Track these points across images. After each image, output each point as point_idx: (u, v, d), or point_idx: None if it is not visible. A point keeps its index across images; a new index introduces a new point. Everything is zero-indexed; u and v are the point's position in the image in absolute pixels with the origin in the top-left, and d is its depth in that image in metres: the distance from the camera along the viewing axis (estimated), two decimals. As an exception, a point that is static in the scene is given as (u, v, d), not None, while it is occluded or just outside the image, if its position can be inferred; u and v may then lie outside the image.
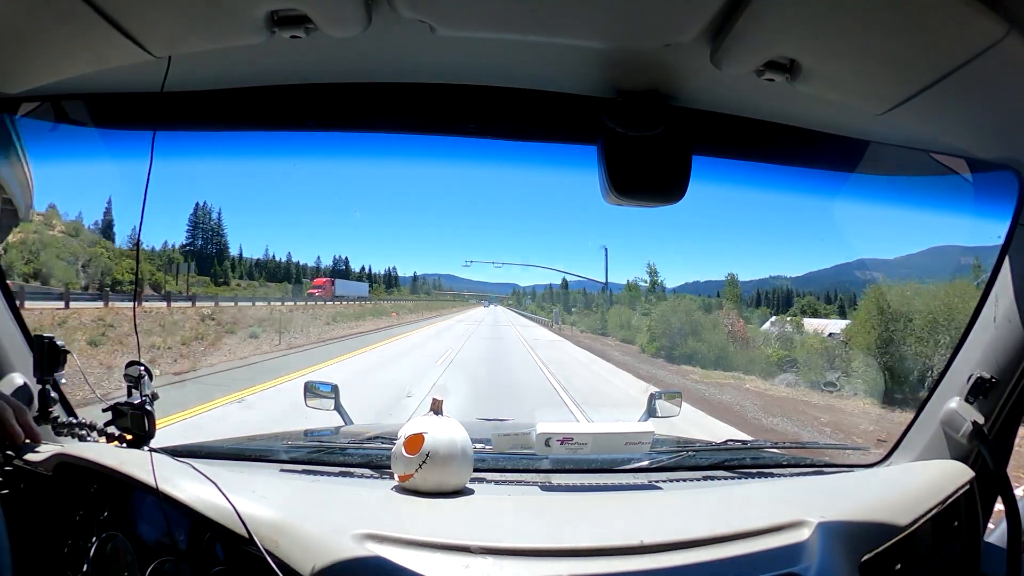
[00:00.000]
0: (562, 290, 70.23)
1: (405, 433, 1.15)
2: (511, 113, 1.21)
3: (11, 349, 1.17)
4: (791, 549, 0.94)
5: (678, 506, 1.14)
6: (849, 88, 0.93)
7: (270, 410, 7.72)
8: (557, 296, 66.80)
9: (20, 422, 0.83)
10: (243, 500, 0.93)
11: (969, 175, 1.23)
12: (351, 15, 0.80)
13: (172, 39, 0.85)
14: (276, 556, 0.86)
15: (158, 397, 1.22)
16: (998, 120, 0.97)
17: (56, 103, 1.17)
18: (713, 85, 1.04)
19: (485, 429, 1.47)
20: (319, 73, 1.11)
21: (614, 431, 1.30)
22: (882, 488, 1.22)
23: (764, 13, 0.75)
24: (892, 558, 1.03)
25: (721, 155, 1.29)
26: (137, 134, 1.23)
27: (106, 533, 1.04)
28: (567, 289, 68.96)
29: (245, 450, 1.40)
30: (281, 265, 50.72)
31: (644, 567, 0.88)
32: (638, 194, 1.07)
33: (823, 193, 1.50)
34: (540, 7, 0.81)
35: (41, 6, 0.77)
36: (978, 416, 1.19)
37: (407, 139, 1.38)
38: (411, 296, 66.75)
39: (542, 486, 1.25)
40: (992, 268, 1.21)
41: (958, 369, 1.26)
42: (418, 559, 0.86)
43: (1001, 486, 1.18)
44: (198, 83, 1.11)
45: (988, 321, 1.20)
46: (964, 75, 0.81)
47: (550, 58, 1.00)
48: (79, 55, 0.89)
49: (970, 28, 0.73)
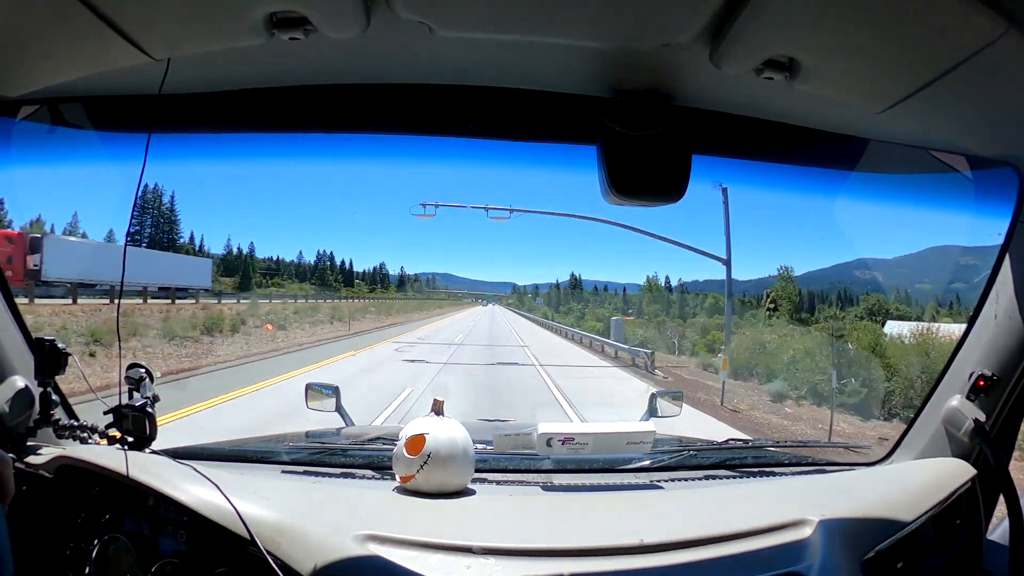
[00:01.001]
0: (570, 289, 64.70)
1: (406, 434, 1.15)
2: (510, 113, 1.21)
3: (12, 352, 1.17)
4: (793, 548, 0.94)
5: (680, 505, 1.14)
6: (848, 86, 0.93)
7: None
8: (564, 296, 61.60)
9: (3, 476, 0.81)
10: (244, 501, 0.93)
11: (969, 172, 1.22)
12: (350, 16, 0.80)
13: (171, 41, 0.85)
14: (277, 557, 0.86)
15: (159, 399, 1.22)
16: (997, 117, 0.97)
17: (55, 106, 1.17)
18: (712, 84, 1.04)
19: (486, 430, 1.47)
20: (318, 74, 1.11)
21: (615, 431, 1.29)
22: (884, 486, 1.22)
23: (763, 12, 0.75)
24: (894, 556, 1.03)
25: (721, 154, 1.29)
26: (137, 137, 1.23)
27: (108, 535, 1.04)
28: (579, 288, 63.56)
29: (246, 452, 1.40)
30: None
31: (646, 566, 0.88)
32: (638, 194, 1.07)
33: (823, 192, 1.50)
34: (539, 7, 0.81)
35: (40, 9, 0.77)
36: (980, 414, 1.19)
37: (406, 140, 1.38)
38: (396, 294, 63.79)
39: (543, 486, 1.25)
40: (992, 265, 1.21)
41: (959, 367, 1.26)
42: (420, 560, 0.86)
43: (1003, 484, 1.17)
44: (197, 85, 1.11)
45: (989, 319, 1.20)
46: (963, 73, 0.81)
47: (549, 58, 1.00)
48: (78, 58, 0.89)
49: (969, 26, 0.73)
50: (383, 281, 65.85)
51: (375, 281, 63.92)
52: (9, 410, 1.09)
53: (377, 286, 62.90)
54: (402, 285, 71.93)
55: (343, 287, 55.38)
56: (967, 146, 1.11)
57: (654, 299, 45.81)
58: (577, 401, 10.02)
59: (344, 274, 59.28)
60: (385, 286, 64.69)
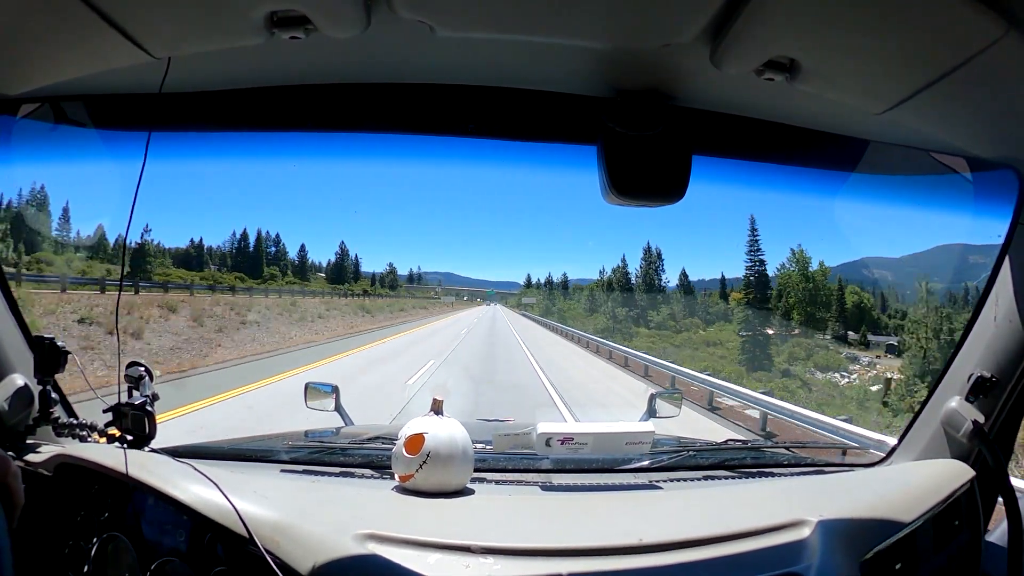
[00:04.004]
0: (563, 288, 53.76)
1: (406, 433, 1.15)
2: (511, 113, 1.21)
3: (12, 350, 1.17)
4: (791, 548, 0.94)
5: (678, 506, 1.14)
6: (848, 87, 0.93)
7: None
8: (584, 295, 47.47)
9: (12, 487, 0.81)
10: (243, 500, 0.94)
11: (969, 174, 1.22)
12: (350, 16, 0.80)
13: (171, 40, 0.85)
14: (277, 556, 0.86)
15: (159, 398, 1.22)
16: (997, 119, 0.97)
17: (56, 104, 1.17)
18: (713, 85, 1.04)
19: (486, 429, 1.47)
20: (318, 74, 1.11)
21: (614, 431, 1.30)
22: (883, 487, 1.22)
23: (763, 13, 0.75)
24: (893, 557, 1.03)
25: (721, 155, 1.29)
26: (137, 135, 1.23)
27: (107, 534, 1.05)
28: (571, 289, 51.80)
29: (246, 451, 1.40)
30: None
31: (645, 566, 0.88)
32: (638, 194, 1.07)
33: (823, 193, 1.50)
34: (539, 7, 0.81)
35: (40, 7, 0.77)
36: (979, 415, 1.19)
37: (407, 139, 1.38)
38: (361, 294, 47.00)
39: (543, 486, 1.25)
40: (992, 267, 1.21)
41: (958, 368, 1.26)
42: (419, 559, 0.86)
43: (1002, 485, 1.18)
44: (198, 84, 1.11)
45: (988, 320, 1.20)
46: (963, 74, 0.81)
47: (549, 58, 1.00)
48: (79, 56, 0.89)
49: (969, 27, 0.73)
50: (352, 277, 53.31)
51: (338, 277, 51.41)
52: (8, 408, 1.09)
53: (346, 283, 50.55)
54: (384, 284, 58.75)
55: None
56: (967, 148, 1.12)
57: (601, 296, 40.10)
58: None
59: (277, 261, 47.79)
60: (351, 282, 51.73)
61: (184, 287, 25.58)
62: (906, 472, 1.29)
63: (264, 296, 29.01)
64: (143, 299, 18.81)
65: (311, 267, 51.44)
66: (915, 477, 1.23)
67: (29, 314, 13.58)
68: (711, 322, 34.51)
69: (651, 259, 43.10)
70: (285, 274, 46.64)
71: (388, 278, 60.35)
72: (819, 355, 26.11)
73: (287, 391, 9.39)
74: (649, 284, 42.19)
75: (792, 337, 28.03)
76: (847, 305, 30.97)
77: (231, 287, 30.69)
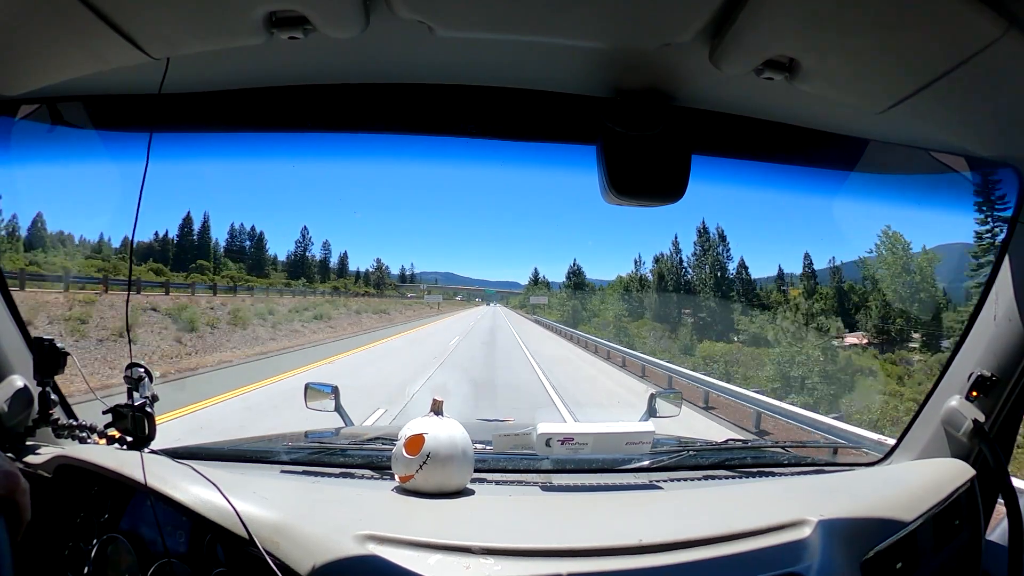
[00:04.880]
0: (569, 287, 44.43)
1: (405, 434, 1.15)
2: (510, 113, 1.21)
3: (11, 351, 1.17)
4: (792, 548, 0.94)
5: (679, 506, 1.14)
6: (848, 86, 0.93)
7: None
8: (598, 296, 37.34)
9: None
10: (243, 501, 0.93)
11: (969, 173, 1.22)
12: (349, 16, 0.80)
13: (170, 40, 0.85)
14: (276, 557, 0.86)
15: (158, 399, 1.22)
16: (997, 118, 0.97)
17: (54, 105, 1.17)
18: (712, 85, 1.04)
19: (486, 430, 1.47)
20: (318, 74, 1.11)
21: (614, 431, 1.29)
22: (883, 487, 1.22)
23: (763, 12, 0.75)
24: (893, 557, 1.03)
25: (721, 154, 1.29)
26: (136, 136, 1.23)
27: (107, 535, 1.04)
28: (580, 287, 43.01)
29: (245, 452, 1.40)
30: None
31: (645, 566, 0.88)
32: (637, 194, 1.07)
33: (823, 192, 1.50)
34: (539, 7, 0.81)
35: (40, 8, 0.77)
36: (979, 414, 1.19)
37: (406, 140, 1.37)
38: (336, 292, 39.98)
39: (543, 486, 1.25)
40: (992, 266, 1.21)
41: (959, 367, 1.26)
42: (419, 560, 0.86)
43: (1002, 484, 1.18)
44: (197, 84, 1.11)
45: (988, 319, 1.20)
46: (963, 73, 0.81)
47: (549, 58, 1.00)
48: (77, 57, 0.89)
49: (969, 26, 0.73)
50: (327, 274, 47.17)
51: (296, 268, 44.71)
52: (8, 409, 1.09)
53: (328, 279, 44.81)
54: (367, 282, 51.38)
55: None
56: (967, 147, 1.12)
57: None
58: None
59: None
60: (337, 278, 45.97)
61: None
62: (906, 471, 1.29)
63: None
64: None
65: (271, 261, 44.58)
66: (915, 476, 1.23)
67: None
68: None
69: (708, 244, 28.73)
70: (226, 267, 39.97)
71: (375, 276, 53.56)
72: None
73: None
74: (719, 279, 28.78)
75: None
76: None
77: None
